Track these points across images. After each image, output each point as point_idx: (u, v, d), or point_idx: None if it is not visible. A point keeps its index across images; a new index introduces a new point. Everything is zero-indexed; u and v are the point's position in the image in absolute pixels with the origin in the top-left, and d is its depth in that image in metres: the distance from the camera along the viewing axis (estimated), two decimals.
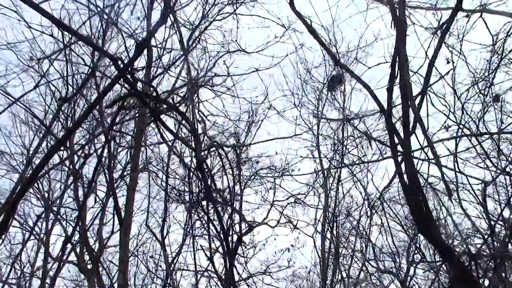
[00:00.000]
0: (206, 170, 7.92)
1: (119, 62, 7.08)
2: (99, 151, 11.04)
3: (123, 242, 9.61)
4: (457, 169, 9.13)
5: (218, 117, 11.71)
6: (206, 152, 8.78)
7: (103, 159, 10.91)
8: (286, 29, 11.68)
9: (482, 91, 9.57)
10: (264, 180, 12.25)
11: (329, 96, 13.14)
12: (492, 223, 9.07)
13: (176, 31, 9.48)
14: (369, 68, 10.06)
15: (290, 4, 8.10)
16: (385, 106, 7.51)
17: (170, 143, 10.29)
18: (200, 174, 7.87)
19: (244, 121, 12.22)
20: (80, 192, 11.99)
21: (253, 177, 12.14)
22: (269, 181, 12.26)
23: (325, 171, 12.51)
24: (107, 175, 11.19)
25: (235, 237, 9.77)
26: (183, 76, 11.39)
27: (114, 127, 10.48)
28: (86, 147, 11.73)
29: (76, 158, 11.84)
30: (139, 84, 8.77)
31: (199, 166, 7.84)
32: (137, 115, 10.88)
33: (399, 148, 7.14)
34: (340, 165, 12.43)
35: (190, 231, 11.43)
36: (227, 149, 10.32)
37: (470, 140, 9.69)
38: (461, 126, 9.57)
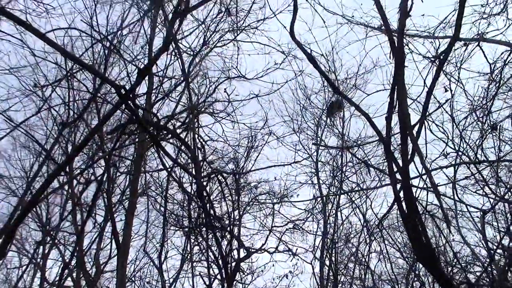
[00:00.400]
0: (206, 196, 8.00)
1: (121, 90, 7.13)
2: (98, 176, 11.09)
3: (120, 267, 9.56)
4: (456, 197, 9.25)
5: (218, 142, 11.68)
6: (205, 178, 8.85)
7: (102, 184, 10.92)
8: (286, 56, 11.72)
9: (480, 119, 9.69)
10: (263, 206, 12.26)
11: (328, 122, 13.21)
12: (492, 251, 9.08)
13: (178, 58, 9.69)
14: (368, 95, 10.28)
15: (290, 33, 8.21)
16: (384, 134, 7.58)
17: (169, 169, 10.27)
18: (199, 200, 7.98)
19: (244, 147, 12.24)
20: (78, 217, 11.94)
21: (251, 202, 12.14)
22: (268, 207, 12.26)
23: (324, 198, 12.47)
24: (105, 200, 11.21)
25: (233, 264, 9.75)
26: (183, 101, 11.49)
27: (114, 152, 10.48)
28: (86, 172, 11.78)
29: (75, 182, 11.84)
30: (140, 110, 8.87)
31: (198, 192, 7.94)
32: (136, 140, 10.94)
33: (398, 175, 7.18)
34: (339, 191, 12.42)
35: (188, 257, 11.40)
36: (226, 174, 10.36)
37: (468, 168, 9.75)
38: (459, 154, 9.64)
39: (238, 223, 11.08)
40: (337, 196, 12.41)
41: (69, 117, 11.02)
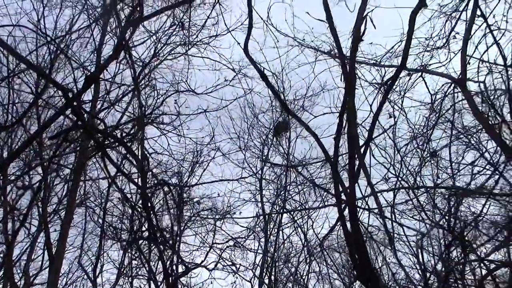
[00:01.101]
0: (150, 207, 7.99)
1: (69, 93, 6.90)
2: (34, 184, 10.76)
3: (52, 280, 9.19)
4: (394, 220, 9.49)
5: (163, 155, 11.54)
6: (151, 189, 8.85)
7: (38, 192, 10.56)
8: (236, 74, 11.77)
9: (420, 146, 10.02)
10: (205, 222, 12.22)
11: (274, 141, 13.30)
12: (427, 274, 9.34)
13: (129, 67, 9.75)
14: (315, 117, 10.40)
15: (244, 50, 8.37)
16: (331, 155, 7.75)
17: (111, 178, 10.05)
18: (144, 211, 8.04)
19: (189, 161, 12.19)
20: (10, 225, 11.41)
21: (193, 218, 12.06)
22: (210, 223, 12.21)
23: (266, 216, 12.50)
24: (40, 209, 10.81)
25: (172, 279, 9.71)
26: (130, 112, 11.30)
27: (53, 160, 10.24)
28: (21, 179, 11.35)
29: (9, 189, 11.33)
30: (86, 116, 8.64)
31: (143, 203, 7.94)
32: (78, 148, 10.64)
33: (343, 196, 7.34)
34: (281, 210, 12.49)
35: (125, 271, 11.11)
36: (172, 187, 10.35)
37: (407, 193, 10.02)
38: (399, 179, 9.91)
39: (178, 238, 10.95)
40: (280, 215, 12.48)
41: (7, 120, 10.58)
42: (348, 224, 6.93)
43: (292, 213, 12.40)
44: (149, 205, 8.04)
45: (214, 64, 11.63)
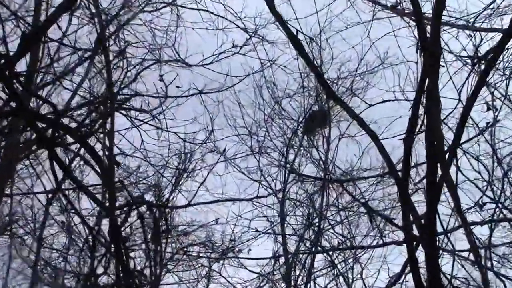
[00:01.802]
0: (122, 240, 7.73)
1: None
2: None
3: None
4: (491, 269, 9.51)
5: (133, 158, 11.28)
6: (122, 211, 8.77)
7: None
8: (250, 36, 11.41)
9: None
10: (195, 264, 11.81)
11: (305, 142, 12.57)
12: None
13: (91, 19, 10.01)
14: (371, 105, 10.29)
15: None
16: (397, 165, 7.54)
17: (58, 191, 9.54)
18: (113, 246, 7.62)
19: (173, 169, 11.77)
20: None
21: (178, 256, 11.69)
22: (203, 265, 11.83)
23: (290, 256, 11.77)
24: None
25: None
26: (85, 89, 10.85)
27: None
28: None
29: None
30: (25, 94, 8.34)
31: (112, 233, 7.47)
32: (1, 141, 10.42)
33: (415, 229, 6.97)
34: (314, 248, 11.76)
35: None
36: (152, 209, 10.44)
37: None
38: (500, 206, 9.77)
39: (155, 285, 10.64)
40: (311, 255, 11.76)
41: None
42: (423, 273, 6.58)
43: (330, 253, 11.73)
44: (118, 235, 7.58)
45: (216, 20, 11.26)
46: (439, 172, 6.78)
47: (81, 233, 10.32)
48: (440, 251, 7.75)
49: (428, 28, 7.15)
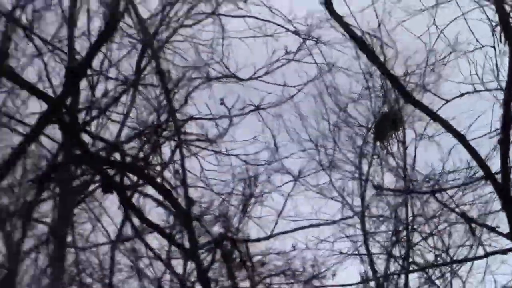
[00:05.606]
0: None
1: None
2: None
3: None
4: None
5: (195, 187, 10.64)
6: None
7: None
8: (304, 40, 11.13)
9: None
10: None
11: (378, 148, 12.04)
12: None
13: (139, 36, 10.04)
14: (447, 101, 9.52)
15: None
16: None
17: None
18: None
19: (239, 195, 11.29)
20: None
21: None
22: None
23: (379, 278, 11.22)
24: None
25: None
26: (132, 119, 10.45)
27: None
28: None
29: None
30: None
31: (201, 276, 8.25)
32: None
33: None
34: (406, 266, 11.21)
35: None
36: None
37: None
38: None
39: None
40: (405, 275, 11.17)
41: None
42: None
43: (425, 270, 11.16)
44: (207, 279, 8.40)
45: (264, 26, 10.96)
46: None
47: (149, 277, 9.94)
48: None
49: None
